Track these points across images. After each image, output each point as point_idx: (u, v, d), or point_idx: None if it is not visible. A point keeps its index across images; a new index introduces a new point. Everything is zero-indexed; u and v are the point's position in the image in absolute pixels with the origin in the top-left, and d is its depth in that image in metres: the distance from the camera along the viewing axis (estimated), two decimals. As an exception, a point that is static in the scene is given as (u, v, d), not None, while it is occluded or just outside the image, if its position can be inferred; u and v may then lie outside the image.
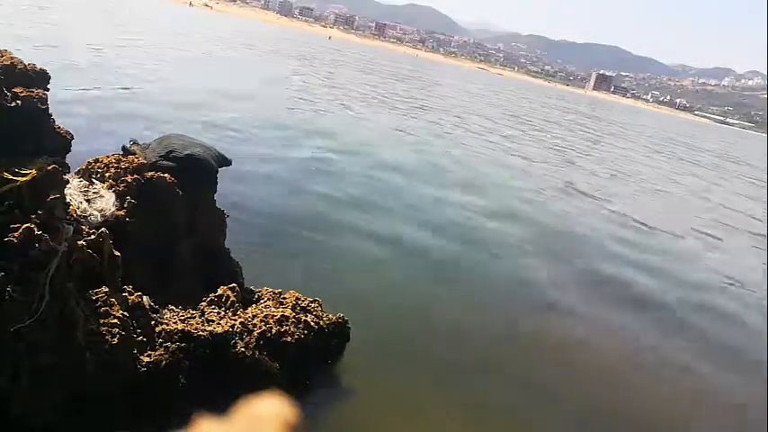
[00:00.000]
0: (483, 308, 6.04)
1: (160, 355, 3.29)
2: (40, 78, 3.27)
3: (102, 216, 3.45)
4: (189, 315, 3.69)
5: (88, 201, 3.49)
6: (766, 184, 27.73)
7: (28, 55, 3.58)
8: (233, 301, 3.98)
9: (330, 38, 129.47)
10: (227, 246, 4.58)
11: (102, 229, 3.16)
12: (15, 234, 2.61)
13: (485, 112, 30.69)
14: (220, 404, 0.88)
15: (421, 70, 69.13)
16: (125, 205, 3.68)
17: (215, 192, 4.42)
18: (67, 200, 3.11)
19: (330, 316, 4.32)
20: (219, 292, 4.00)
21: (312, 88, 23.03)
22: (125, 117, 10.70)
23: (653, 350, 6.02)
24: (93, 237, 3.05)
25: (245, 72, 23.77)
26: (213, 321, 3.72)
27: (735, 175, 28.94)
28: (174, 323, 3.50)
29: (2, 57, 3.16)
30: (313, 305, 4.30)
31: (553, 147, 22.03)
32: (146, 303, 3.41)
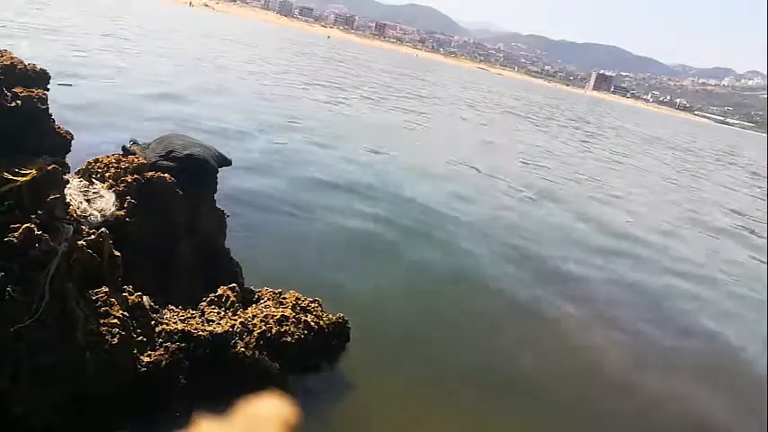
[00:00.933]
0: (484, 308, 6.04)
1: (160, 355, 3.28)
2: (39, 78, 3.27)
3: (102, 216, 3.45)
4: (189, 315, 3.69)
5: (88, 201, 3.49)
6: (766, 184, 27.78)
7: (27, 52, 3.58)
8: (233, 301, 3.98)
9: (329, 37, 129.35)
10: (227, 246, 4.58)
11: (102, 229, 3.16)
12: (15, 234, 2.61)
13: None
14: (220, 404, 0.88)
15: (417, 71, 69.17)
16: (125, 205, 3.68)
17: (215, 192, 4.42)
18: (67, 200, 3.11)
19: (330, 316, 4.32)
20: (219, 292, 4.00)
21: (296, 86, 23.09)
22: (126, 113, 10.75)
23: (654, 349, 6.02)
24: (93, 237, 3.05)
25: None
26: (213, 321, 3.72)
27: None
28: (174, 323, 3.50)
29: (2, 57, 3.16)
30: (313, 305, 4.30)
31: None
32: (146, 303, 3.41)
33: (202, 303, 3.91)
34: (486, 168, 14.13)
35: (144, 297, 3.42)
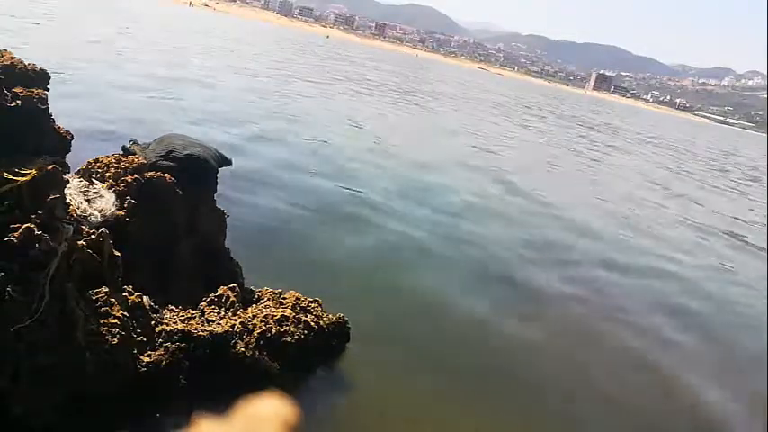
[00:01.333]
0: (484, 308, 6.04)
1: (160, 355, 3.29)
2: (39, 78, 3.27)
3: (102, 216, 3.45)
4: (189, 315, 3.69)
5: (88, 201, 3.49)
6: (766, 183, 27.81)
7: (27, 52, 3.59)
8: (233, 301, 3.98)
9: (328, 37, 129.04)
10: (227, 246, 4.58)
11: (102, 229, 3.16)
12: (15, 234, 2.61)
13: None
14: (220, 404, 0.88)
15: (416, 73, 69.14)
16: (125, 205, 3.68)
17: (215, 192, 4.42)
18: (67, 200, 3.12)
19: (330, 316, 4.32)
20: (219, 292, 4.00)
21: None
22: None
23: (660, 350, 6.02)
24: (93, 237, 3.05)
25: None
26: (213, 321, 3.72)
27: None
28: (174, 323, 3.50)
29: (2, 57, 3.16)
30: (313, 305, 4.30)
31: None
32: (146, 303, 3.41)
33: (202, 303, 3.91)
34: (482, 165, 14.14)
35: (144, 297, 3.42)
